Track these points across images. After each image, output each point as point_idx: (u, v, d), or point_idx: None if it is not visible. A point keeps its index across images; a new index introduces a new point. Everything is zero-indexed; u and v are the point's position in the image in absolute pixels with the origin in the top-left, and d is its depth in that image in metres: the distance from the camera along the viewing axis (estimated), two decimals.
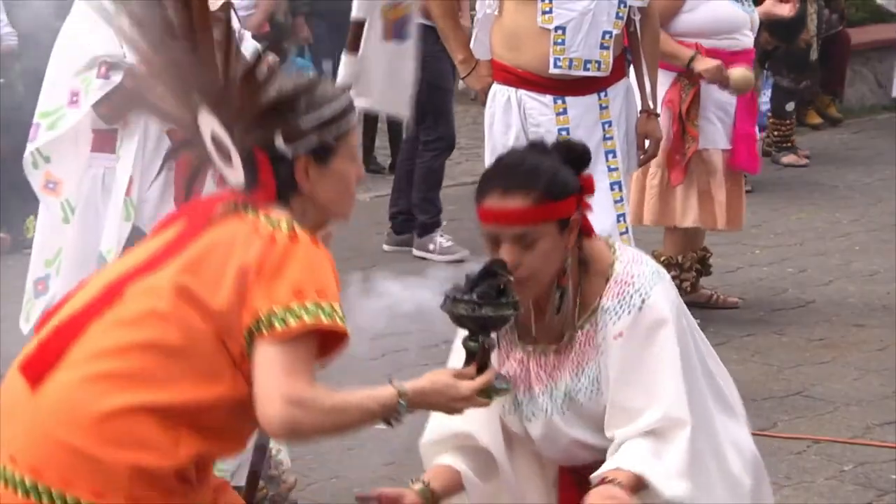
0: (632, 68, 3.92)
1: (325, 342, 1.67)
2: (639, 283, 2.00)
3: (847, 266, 5.41)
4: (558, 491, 2.15)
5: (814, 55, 7.38)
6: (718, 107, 4.53)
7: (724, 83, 4.40)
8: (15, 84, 6.39)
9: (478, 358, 1.74)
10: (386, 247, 6.10)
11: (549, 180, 1.97)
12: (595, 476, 1.88)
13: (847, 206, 6.47)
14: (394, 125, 7.83)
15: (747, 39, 4.64)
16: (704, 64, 4.33)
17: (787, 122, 7.58)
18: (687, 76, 4.39)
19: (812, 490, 3.24)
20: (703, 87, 4.44)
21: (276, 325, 1.57)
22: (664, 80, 4.16)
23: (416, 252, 5.94)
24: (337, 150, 1.75)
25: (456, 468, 2.02)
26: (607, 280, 2.01)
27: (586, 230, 2.05)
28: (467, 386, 1.74)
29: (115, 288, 1.71)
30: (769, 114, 7.91)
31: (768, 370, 4.14)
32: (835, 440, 3.56)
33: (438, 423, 2.09)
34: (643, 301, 1.96)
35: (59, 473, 1.59)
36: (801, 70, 7.40)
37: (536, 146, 2.32)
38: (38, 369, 1.68)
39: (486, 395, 1.72)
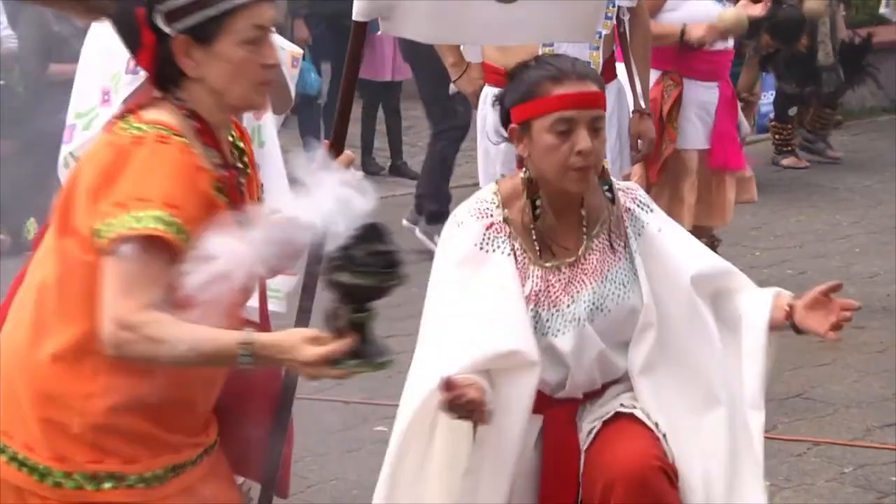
0: (623, 68, 3.93)
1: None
2: (636, 186, 2.35)
3: (847, 268, 5.43)
4: (545, 432, 2.17)
5: (827, 60, 7.29)
6: (700, 107, 4.53)
7: (723, 37, 4.42)
8: (15, 86, 6.41)
9: (330, 324, 1.57)
10: (405, 223, 6.13)
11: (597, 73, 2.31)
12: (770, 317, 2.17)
13: (847, 209, 6.50)
14: (393, 127, 7.86)
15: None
16: (698, 30, 4.32)
17: (789, 126, 7.64)
18: (674, 71, 4.40)
19: (812, 492, 3.25)
20: (685, 88, 4.44)
21: (99, 239, 1.56)
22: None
23: (419, 234, 5.97)
24: (220, 30, 1.65)
25: (480, 381, 1.99)
26: (609, 190, 2.21)
27: None
28: (311, 352, 1.56)
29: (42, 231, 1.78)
30: (771, 117, 7.96)
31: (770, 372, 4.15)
32: (835, 442, 3.58)
33: (463, 349, 2.05)
34: (650, 200, 2.28)
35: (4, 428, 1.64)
36: (807, 76, 7.37)
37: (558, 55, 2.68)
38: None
39: (334, 364, 1.54)
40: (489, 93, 3.66)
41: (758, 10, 5.27)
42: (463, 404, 1.85)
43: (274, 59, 1.74)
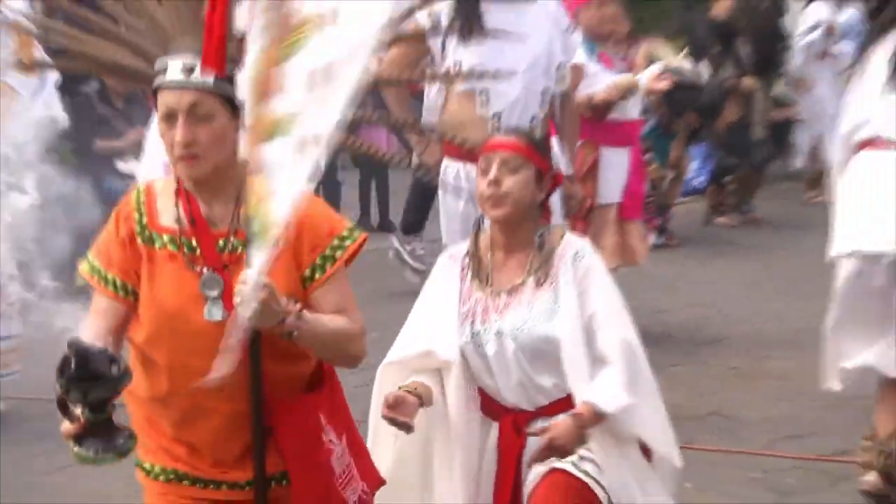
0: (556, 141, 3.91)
1: None
2: (580, 241, 2.31)
3: (758, 308, 5.52)
4: (499, 439, 2.22)
5: (760, 135, 7.28)
6: (612, 167, 4.64)
7: (621, 95, 4.54)
8: (67, 159, 6.36)
9: (61, 409, 1.51)
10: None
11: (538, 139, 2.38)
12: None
13: (757, 260, 6.58)
14: (382, 191, 7.85)
15: (635, 110, 4.83)
16: (600, 93, 4.46)
17: (724, 190, 7.74)
18: (591, 140, 4.52)
19: (726, 494, 3.32)
20: (602, 153, 4.57)
21: None
22: None
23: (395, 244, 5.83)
24: (157, 102, 1.66)
25: (428, 384, 2.12)
26: (562, 237, 2.26)
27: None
28: (63, 425, 1.55)
29: None
30: (694, 184, 7.96)
31: (692, 394, 4.22)
32: (744, 452, 3.66)
33: (401, 346, 2.23)
34: (587, 252, 2.26)
35: None
36: (743, 151, 7.34)
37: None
38: None
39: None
40: (448, 164, 3.61)
41: (663, 86, 5.28)
42: (394, 422, 2.03)
43: (180, 140, 1.61)
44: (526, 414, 2.19)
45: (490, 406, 2.24)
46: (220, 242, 1.70)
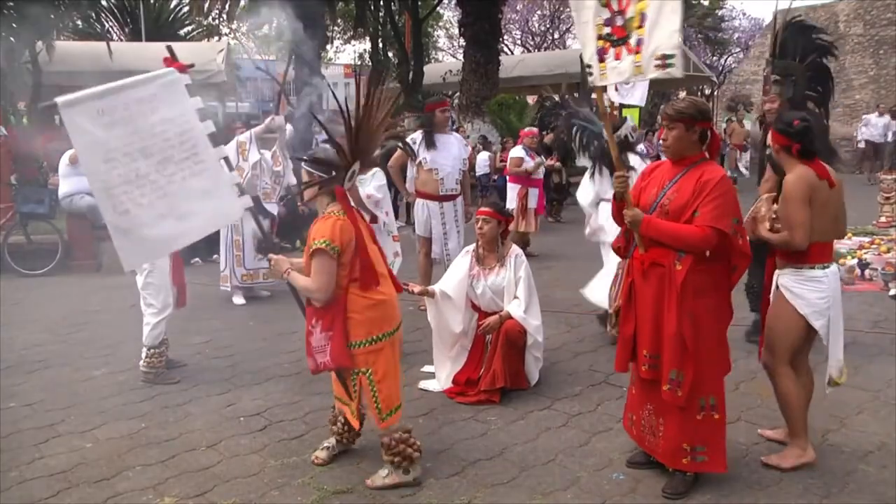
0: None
1: None
2: (517, 248, 4.79)
3: None
4: (478, 319, 4.79)
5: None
6: (535, 197, 10.01)
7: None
8: None
9: None
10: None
11: (500, 206, 4.97)
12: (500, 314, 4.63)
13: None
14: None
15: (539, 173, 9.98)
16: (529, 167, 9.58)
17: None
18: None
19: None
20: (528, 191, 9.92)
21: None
22: None
23: None
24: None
25: (435, 290, 4.76)
26: (509, 247, 4.71)
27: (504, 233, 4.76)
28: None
29: None
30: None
31: None
32: None
33: (441, 282, 4.68)
34: (519, 253, 4.75)
35: None
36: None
37: None
38: None
39: None
40: (419, 201, 6.76)
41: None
42: (414, 292, 4.52)
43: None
44: (486, 312, 4.78)
45: (476, 308, 4.80)
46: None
